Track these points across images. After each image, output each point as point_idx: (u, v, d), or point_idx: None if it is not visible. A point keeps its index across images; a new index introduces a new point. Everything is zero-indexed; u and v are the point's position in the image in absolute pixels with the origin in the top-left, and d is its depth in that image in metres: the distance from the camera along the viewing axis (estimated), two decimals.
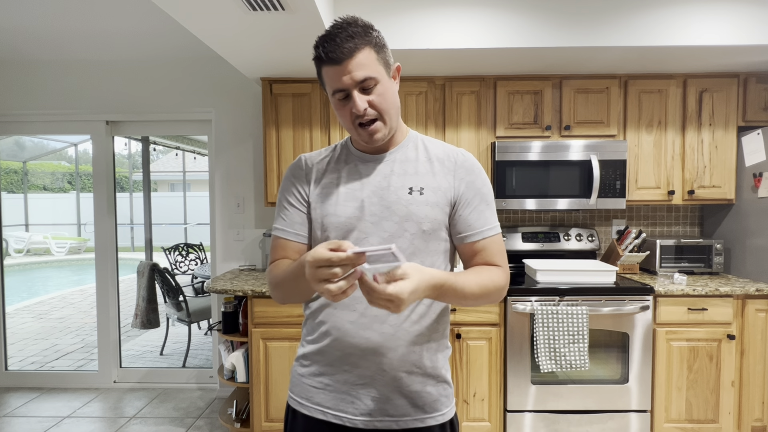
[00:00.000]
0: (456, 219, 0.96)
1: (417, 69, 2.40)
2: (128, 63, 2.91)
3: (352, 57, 0.86)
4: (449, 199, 0.95)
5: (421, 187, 0.94)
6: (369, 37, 0.88)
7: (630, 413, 2.21)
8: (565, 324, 2.12)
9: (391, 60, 0.94)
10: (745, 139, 2.46)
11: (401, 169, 0.96)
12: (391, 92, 0.92)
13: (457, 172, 0.96)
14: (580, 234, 2.75)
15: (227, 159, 2.91)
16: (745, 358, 2.23)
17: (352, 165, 0.99)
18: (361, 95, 0.88)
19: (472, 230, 0.95)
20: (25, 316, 5.31)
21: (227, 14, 1.72)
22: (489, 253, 0.95)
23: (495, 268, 0.95)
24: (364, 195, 0.94)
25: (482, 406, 2.24)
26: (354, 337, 0.92)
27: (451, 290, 0.84)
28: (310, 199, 0.99)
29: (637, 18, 2.07)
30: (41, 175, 14.10)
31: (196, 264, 5.83)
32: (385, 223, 0.92)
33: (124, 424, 2.57)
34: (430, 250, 0.94)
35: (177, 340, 4.04)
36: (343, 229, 0.94)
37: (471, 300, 0.89)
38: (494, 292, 0.92)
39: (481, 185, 0.97)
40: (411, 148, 0.99)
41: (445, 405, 0.98)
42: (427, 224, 0.93)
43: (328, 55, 0.86)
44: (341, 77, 0.87)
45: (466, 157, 0.99)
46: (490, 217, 0.97)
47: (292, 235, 1.00)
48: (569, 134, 2.50)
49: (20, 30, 2.47)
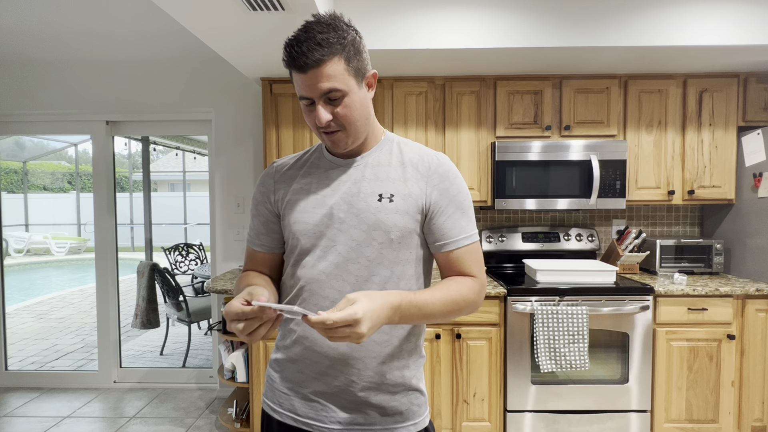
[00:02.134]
0: (429, 227, 0.93)
1: (417, 69, 2.40)
2: (128, 63, 2.91)
3: (318, 67, 0.81)
4: (420, 207, 0.91)
5: (391, 194, 0.90)
6: (341, 45, 0.83)
7: (630, 413, 2.21)
8: (565, 324, 2.12)
9: (368, 67, 0.90)
10: (745, 139, 2.46)
11: (372, 174, 0.93)
12: (360, 103, 0.88)
13: (431, 178, 0.92)
14: (580, 234, 2.75)
15: (227, 159, 2.91)
16: (745, 358, 2.23)
17: (324, 170, 0.96)
18: (325, 107, 0.85)
19: (446, 239, 0.92)
20: (25, 316, 5.31)
21: (227, 14, 1.72)
22: (463, 263, 0.92)
23: (466, 280, 0.91)
24: (333, 201, 0.92)
25: (482, 406, 2.24)
26: (322, 346, 0.90)
27: (412, 309, 0.81)
28: (279, 208, 0.98)
29: (637, 18, 2.07)
30: (41, 175, 14.10)
31: (196, 264, 5.83)
32: (353, 231, 0.89)
33: (124, 424, 2.57)
34: (399, 259, 0.91)
35: (177, 340, 4.04)
36: (312, 236, 0.92)
37: (439, 317, 0.86)
38: (465, 306, 0.89)
39: (456, 192, 0.93)
40: (385, 151, 0.96)
41: (418, 414, 0.96)
42: (395, 233, 0.89)
43: (294, 61, 0.82)
44: (306, 85, 0.84)
45: (441, 162, 0.94)
46: (465, 226, 0.93)
47: (256, 245, 1.01)
48: (569, 134, 2.50)
49: (20, 30, 2.47)
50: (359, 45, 0.88)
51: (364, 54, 0.89)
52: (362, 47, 0.88)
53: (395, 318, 0.80)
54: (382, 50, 2.11)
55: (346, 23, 0.88)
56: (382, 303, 0.76)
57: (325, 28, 0.83)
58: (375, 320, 0.74)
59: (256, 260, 1.02)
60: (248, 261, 1.03)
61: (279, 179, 0.99)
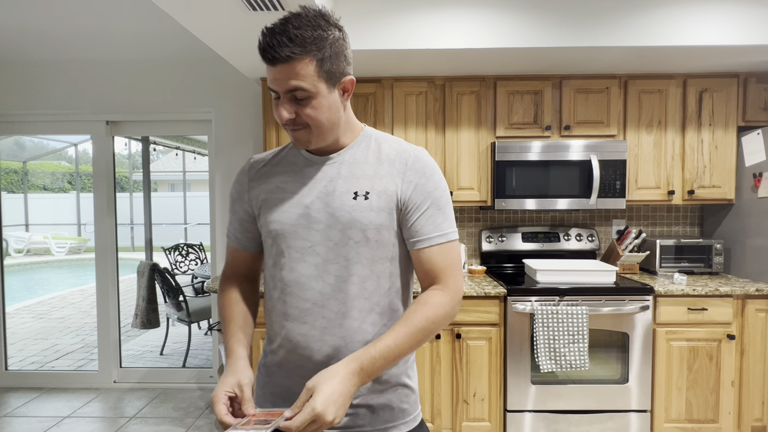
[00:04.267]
0: (404, 224, 0.90)
1: (417, 69, 2.40)
2: (128, 63, 2.91)
3: (286, 63, 0.78)
4: (395, 203, 0.88)
5: (366, 192, 0.88)
6: (317, 45, 0.79)
7: (630, 413, 2.21)
8: (565, 324, 2.12)
9: (345, 71, 0.85)
10: (745, 139, 2.46)
11: (348, 171, 0.90)
12: (329, 107, 0.84)
13: (406, 174, 0.89)
14: (580, 234, 2.75)
15: (227, 159, 2.91)
16: (745, 358, 2.23)
17: (299, 167, 0.94)
18: (288, 104, 0.83)
19: (418, 236, 0.89)
20: (25, 316, 5.31)
21: (227, 14, 1.72)
22: (434, 264, 0.88)
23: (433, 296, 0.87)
24: (308, 201, 0.89)
25: (482, 406, 2.24)
26: (305, 349, 0.89)
27: (377, 363, 0.79)
28: (254, 207, 0.96)
29: (637, 18, 2.07)
30: (41, 175, 14.11)
31: (196, 264, 5.83)
32: (330, 231, 0.88)
33: (124, 424, 2.57)
34: (377, 257, 0.89)
35: (177, 340, 4.04)
36: (289, 236, 0.90)
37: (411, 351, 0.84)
38: (436, 328, 0.86)
39: (432, 188, 0.90)
40: (362, 148, 0.93)
41: (409, 413, 0.95)
42: (371, 231, 0.87)
43: (263, 52, 0.79)
44: (273, 78, 0.81)
45: (418, 157, 0.91)
46: (441, 223, 0.89)
47: (233, 240, 1.02)
48: (569, 134, 2.50)
49: (20, 30, 2.47)
50: (340, 47, 0.83)
51: (344, 57, 0.85)
52: (342, 50, 0.84)
53: (364, 380, 0.79)
54: (382, 50, 2.11)
55: (333, 22, 0.83)
56: (342, 378, 0.75)
57: (303, 24, 0.79)
58: (339, 400, 0.73)
59: (236, 257, 1.03)
60: (228, 257, 1.04)
61: (254, 176, 0.97)
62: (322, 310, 0.88)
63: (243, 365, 0.88)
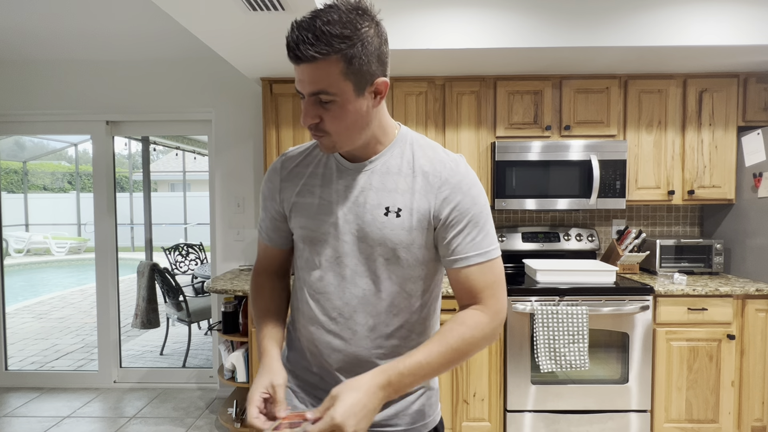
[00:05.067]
0: (439, 241, 0.85)
1: (417, 69, 2.40)
2: (128, 63, 2.91)
3: (310, 63, 0.73)
4: (429, 221, 0.84)
5: (398, 208, 0.83)
6: (346, 43, 0.72)
7: (630, 413, 2.21)
8: (565, 324, 2.12)
9: (379, 71, 0.78)
10: (745, 139, 2.46)
11: (380, 182, 0.85)
12: (355, 113, 0.78)
13: (441, 190, 0.83)
14: (580, 234, 2.75)
15: (227, 159, 2.91)
16: (745, 358, 2.23)
17: (330, 171, 0.89)
18: (312, 106, 0.77)
19: (455, 255, 0.83)
20: (25, 316, 5.31)
21: (227, 14, 1.72)
22: (473, 284, 0.83)
23: (472, 316, 0.82)
24: (339, 210, 0.86)
25: (482, 406, 2.24)
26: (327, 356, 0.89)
27: (405, 380, 0.75)
28: (285, 209, 0.94)
29: (637, 18, 2.07)
30: (41, 175, 14.11)
31: (196, 264, 5.83)
32: (361, 245, 0.85)
33: (124, 424, 2.57)
34: (407, 275, 0.85)
35: (177, 340, 4.04)
36: (317, 244, 0.87)
37: (443, 371, 0.80)
38: (473, 349, 0.81)
39: (469, 205, 0.83)
40: (396, 155, 0.87)
41: (428, 414, 0.93)
42: (402, 250, 0.83)
43: (290, 49, 0.74)
44: (298, 79, 0.77)
45: (454, 171, 0.84)
46: (480, 241, 0.83)
47: (265, 239, 1.00)
48: (569, 134, 2.50)
49: (20, 30, 2.47)
50: (375, 45, 0.76)
51: (378, 56, 0.77)
52: (377, 48, 0.77)
53: (390, 395, 0.76)
54: None
55: (369, 17, 0.77)
56: (367, 390, 0.72)
57: (334, 20, 0.72)
58: (361, 412, 0.70)
59: (267, 254, 1.01)
60: (260, 253, 1.02)
61: (285, 177, 0.94)
62: (348, 321, 0.87)
63: (277, 366, 0.86)
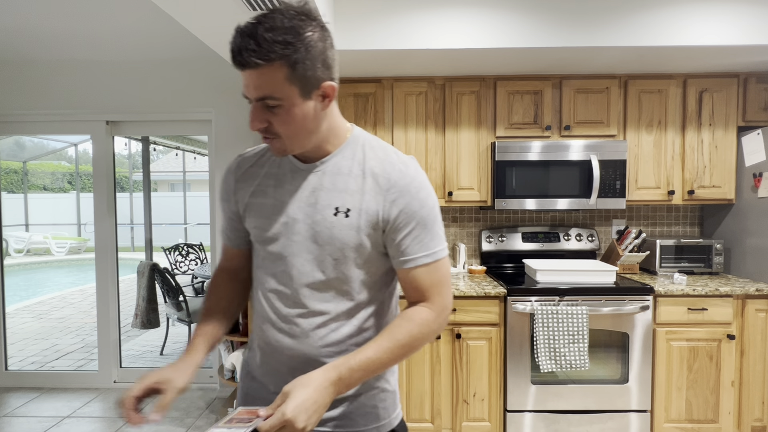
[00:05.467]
0: (388, 242, 0.87)
1: (417, 69, 2.40)
2: (128, 63, 2.91)
3: (254, 68, 0.74)
4: (377, 222, 0.85)
5: (347, 209, 0.85)
6: (290, 49, 0.73)
7: (630, 413, 2.21)
8: (565, 324, 2.12)
9: (325, 75, 0.79)
10: (745, 139, 2.46)
11: (331, 183, 0.86)
12: (303, 116, 0.79)
13: (390, 192, 0.84)
14: (580, 234, 2.75)
15: (227, 159, 2.91)
16: (745, 358, 2.23)
17: (284, 172, 0.90)
18: (259, 111, 0.78)
19: (404, 257, 0.86)
20: (25, 316, 5.31)
21: (227, 14, 1.72)
22: (420, 283, 0.86)
23: (419, 313, 0.85)
24: (291, 210, 0.87)
25: (482, 406, 2.24)
26: (281, 354, 0.89)
27: (355, 374, 0.78)
28: (240, 208, 0.95)
29: (637, 18, 2.07)
30: (41, 175, 14.11)
31: (196, 264, 5.83)
32: (311, 245, 0.86)
33: (124, 424, 2.57)
34: (356, 273, 0.87)
35: (177, 340, 4.04)
36: (269, 244, 0.89)
37: (391, 365, 0.83)
38: (419, 344, 0.85)
39: (417, 207, 0.85)
40: (348, 156, 0.88)
41: (383, 416, 0.93)
42: (349, 249, 0.85)
43: (233, 56, 0.74)
44: (244, 84, 0.77)
45: (404, 173, 0.86)
46: (428, 242, 0.85)
47: (225, 239, 1.02)
48: (569, 134, 2.50)
49: (20, 30, 2.47)
50: (319, 50, 0.77)
51: (323, 60, 0.78)
52: (321, 52, 0.77)
53: (341, 390, 0.78)
54: (382, 50, 2.11)
55: (313, 21, 0.77)
56: (317, 386, 0.74)
57: (276, 26, 0.72)
58: (311, 407, 0.72)
59: (227, 254, 1.03)
60: (222, 253, 1.04)
61: (240, 177, 0.95)
62: (299, 319, 0.88)
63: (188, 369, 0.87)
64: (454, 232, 2.87)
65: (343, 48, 2.08)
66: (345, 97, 2.51)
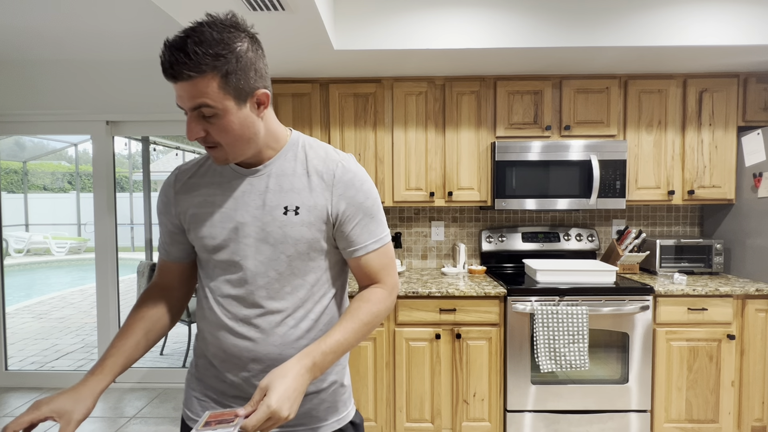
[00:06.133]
0: (338, 235, 0.92)
1: (417, 69, 2.40)
2: (128, 63, 2.91)
3: (187, 81, 0.75)
4: (326, 217, 0.90)
5: (296, 206, 0.88)
6: (220, 61, 0.75)
7: (630, 413, 2.21)
8: (565, 324, 2.12)
9: (258, 83, 0.82)
10: (745, 139, 2.46)
11: (277, 184, 0.90)
12: (240, 124, 0.81)
13: (336, 187, 0.90)
14: (580, 234, 2.75)
15: None
16: (745, 358, 2.23)
17: (228, 180, 0.92)
18: (196, 121, 0.80)
19: (354, 246, 0.92)
20: (25, 316, 5.31)
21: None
22: (372, 267, 0.93)
23: (374, 292, 0.92)
24: (239, 215, 0.89)
25: (482, 406, 2.24)
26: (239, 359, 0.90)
27: (328, 357, 0.82)
28: (182, 221, 0.94)
29: (637, 18, 2.07)
30: (41, 175, 14.10)
31: None
32: (262, 246, 0.88)
33: (124, 424, 2.57)
34: (310, 268, 0.91)
35: (177, 340, 4.04)
36: (220, 251, 0.90)
37: (359, 341, 0.88)
38: (377, 320, 0.91)
39: (362, 199, 0.91)
40: (289, 158, 0.92)
41: (341, 410, 0.98)
42: (302, 245, 0.89)
43: (164, 69, 0.76)
44: (177, 95, 0.79)
45: (346, 168, 0.91)
46: (374, 230, 0.93)
47: (163, 254, 1.00)
48: (569, 134, 2.50)
49: (21, 30, 2.47)
50: (248, 61, 0.79)
51: (255, 69, 0.81)
52: (253, 62, 0.80)
53: (316, 374, 0.80)
54: (381, 50, 2.11)
55: (242, 32, 0.79)
56: (295, 375, 0.76)
57: (205, 39, 0.75)
58: (293, 396, 0.74)
59: (165, 270, 1.00)
60: (157, 271, 1.01)
61: (180, 189, 0.95)
62: (258, 319, 0.89)
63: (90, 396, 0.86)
64: (454, 232, 2.87)
65: (343, 48, 2.08)
66: (345, 97, 2.51)
